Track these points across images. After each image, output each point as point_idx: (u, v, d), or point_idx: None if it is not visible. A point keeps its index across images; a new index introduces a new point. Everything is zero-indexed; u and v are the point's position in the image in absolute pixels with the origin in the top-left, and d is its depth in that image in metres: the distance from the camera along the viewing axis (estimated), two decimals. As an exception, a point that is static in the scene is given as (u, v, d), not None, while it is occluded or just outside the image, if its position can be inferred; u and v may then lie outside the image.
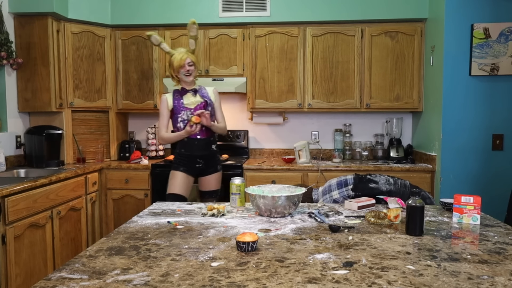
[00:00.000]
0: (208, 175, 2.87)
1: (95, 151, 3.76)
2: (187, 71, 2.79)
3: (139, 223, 1.67)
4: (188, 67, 2.79)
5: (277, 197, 1.71)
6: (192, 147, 2.81)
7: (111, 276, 1.13)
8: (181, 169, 2.82)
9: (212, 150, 2.88)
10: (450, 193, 3.08)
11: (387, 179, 2.11)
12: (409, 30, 3.59)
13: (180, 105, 2.81)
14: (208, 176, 2.87)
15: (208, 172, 2.87)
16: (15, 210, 2.43)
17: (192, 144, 2.81)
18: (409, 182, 2.16)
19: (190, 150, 2.81)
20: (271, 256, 1.28)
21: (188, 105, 2.82)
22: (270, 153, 4.11)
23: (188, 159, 2.82)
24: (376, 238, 1.48)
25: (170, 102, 2.83)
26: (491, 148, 3.13)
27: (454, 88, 3.13)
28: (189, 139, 2.80)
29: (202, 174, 2.88)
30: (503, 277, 1.12)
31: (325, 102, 3.70)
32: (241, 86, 3.71)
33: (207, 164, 2.86)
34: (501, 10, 3.06)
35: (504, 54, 3.06)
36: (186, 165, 2.82)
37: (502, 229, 1.59)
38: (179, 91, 2.86)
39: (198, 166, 2.84)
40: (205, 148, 2.84)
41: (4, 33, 3.19)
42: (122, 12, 3.76)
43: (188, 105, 2.82)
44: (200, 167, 2.84)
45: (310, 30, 3.66)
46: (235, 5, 3.68)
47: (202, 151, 2.83)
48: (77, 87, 3.62)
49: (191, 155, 2.82)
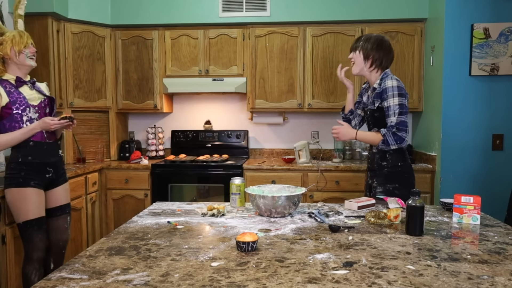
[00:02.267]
0: (58, 186, 2.40)
1: (95, 151, 3.76)
2: (34, 54, 2.32)
3: (139, 223, 1.67)
4: (33, 48, 2.32)
5: (277, 197, 1.71)
6: (40, 153, 2.28)
7: (111, 276, 1.13)
8: (32, 184, 2.23)
9: (60, 155, 2.45)
10: (450, 193, 3.08)
11: None
12: (409, 30, 3.59)
13: (22, 99, 2.25)
14: (58, 187, 2.40)
15: (58, 182, 2.40)
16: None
17: (40, 149, 2.28)
18: None
19: (39, 157, 2.27)
20: (271, 256, 1.28)
21: (31, 101, 2.29)
22: (270, 153, 4.11)
23: (37, 169, 2.27)
24: (376, 238, 1.48)
25: (5, 95, 2.20)
26: (491, 148, 3.13)
27: (454, 88, 3.13)
28: (36, 143, 2.27)
29: (51, 186, 2.37)
30: (503, 277, 1.12)
31: (325, 102, 3.70)
32: (241, 86, 3.71)
33: (56, 173, 2.39)
34: (501, 10, 3.06)
35: (504, 54, 3.06)
36: (36, 177, 2.26)
37: (502, 229, 1.59)
38: (9, 82, 2.25)
39: (48, 176, 2.33)
40: (55, 154, 2.38)
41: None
42: (122, 12, 3.76)
43: (31, 100, 2.29)
44: (50, 177, 2.35)
45: (310, 30, 3.66)
46: (235, 5, 3.68)
47: (52, 157, 2.35)
48: (77, 87, 3.62)
49: (40, 163, 2.28)
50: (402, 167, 2.16)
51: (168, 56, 3.81)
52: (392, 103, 2.04)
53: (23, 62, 2.27)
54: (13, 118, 2.22)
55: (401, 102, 2.04)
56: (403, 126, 2.04)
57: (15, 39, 2.24)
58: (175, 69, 3.81)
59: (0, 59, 2.25)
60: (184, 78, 3.80)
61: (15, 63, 2.26)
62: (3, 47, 2.24)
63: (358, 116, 2.43)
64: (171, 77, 3.81)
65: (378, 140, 2.09)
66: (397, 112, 2.03)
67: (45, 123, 2.22)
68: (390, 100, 2.05)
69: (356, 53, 2.22)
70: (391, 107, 2.05)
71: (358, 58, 2.21)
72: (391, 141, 2.05)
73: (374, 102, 2.15)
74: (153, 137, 3.98)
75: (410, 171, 2.20)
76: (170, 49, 3.80)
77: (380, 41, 2.19)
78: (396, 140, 2.05)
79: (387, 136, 2.06)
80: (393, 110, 2.04)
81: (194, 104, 4.19)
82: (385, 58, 2.18)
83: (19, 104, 2.23)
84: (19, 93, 2.25)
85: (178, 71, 3.81)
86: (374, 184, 2.22)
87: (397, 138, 2.04)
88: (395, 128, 2.04)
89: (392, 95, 2.05)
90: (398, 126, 2.04)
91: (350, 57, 2.26)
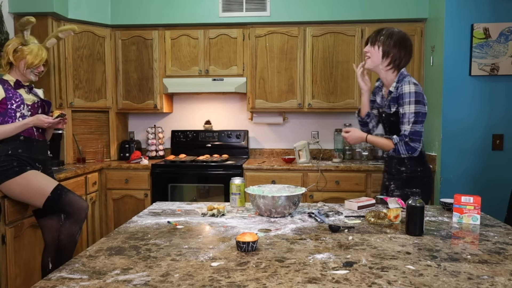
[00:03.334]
0: None
1: (95, 151, 3.76)
2: (40, 72, 2.47)
3: (139, 223, 1.67)
4: (42, 67, 2.47)
5: (277, 197, 1.71)
6: (30, 148, 2.33)
7: (111, 276, 1.13)
8: (29, 168, 2.30)
9: (48, 156, 2.52)
10: (450, 193, 3.08)
11: None
12: (409, 30, 3.59)
13: (18, 97, 2.33)
14: None
15: None
16: (15, 210, 2.43)
17: (30, 144, 2.33)
18: None
19: (29, 152, 2.32)
20: (271, 256, 1.28)
21: (26, 101, 2.39)
22: (270, 153, 4.11)
23: (27, 162, 2.32)
24: (376, 238, 1.48)
25: (1, 90, 2.29)
26: (491, 148, 3.13)
27: (454, 88, 3.13)
28: (26, 138, 2.32)
29: None
30: (503, 277, 1.12)
31: (325, 102, 3.70)
32: (241, 86, 3.71)
33: (45, 172, 2.43)
34: (501, 10, 3.06)
35: (504, 54, 3.06)
36: (28, 166, 2.31)
37: (502, 229, 1.59)
38: (8, 83, 2.37)
39: None
40: (43, 152, 2.44)
41: (4, 33, 3.19)
42: (122, 12, 3.76)
43: (26, 100, 2.39)
44: None
45: (310, 30, 3.66)
46: (235, 5, 3.68)
47: (41, 155, 2.41)
48: (77, 87, 3.62)
49: (29, 157, 2.32)
50: (421, 171, 2.09)
51: (168, 56, 3.81)
52: (408, 110, 1.94)
53: (26, 75, 2.40)
54: (7, 113, 2.30)
55: (418, 110, 1.94)
56: (417, 136, 1.95)
57: (31, 54, 2.36)
58: (175, 69, 3.81)
59: (8, 62, 2.38)
60: (184, 78, 3.80)
61: (19, 71, 2.39)
62: (17, 56, 2.36)
63: (374, 118, 2.28)
64: (171, 77, 3.82)
65: (390, 147, 2.01)
66: (412, 121, 1.94)
67: (39, 120, 2.31)
68: (406, 107, 1.95)
69: (374, 47, 2.05)
70: (406, 114, 1.95)
71: (376, 54, 2.05)
72: (402, 151, 1.98)
73: (390, 106, 2.04)
74: (153, 137, 3.97)
75: (429, 175, 2.13)
76: (170, 49, 3.80)
77: (403, 39, 2.03)
78: (408, 150, 1.97)
79: (399, 146, 1.98)
80: (408, 118, 1.95)
81: (194, 104, 4.19)
82: (405, 59, 2.04)
83: (14, 101, 2.32)
84: (16, 92, 2.35)
85: (178, 71, 3.81)
86: (391, 187, 2.15)
87: (409, 148, 1.96)
88: (408, 138, 1.96)
89: (408, 102, 1.94)
90: (411, 136, 1.95)
91: (366, 50, 2.09)
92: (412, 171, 2.08)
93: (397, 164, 2.11)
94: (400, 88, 1.99)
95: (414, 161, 2.06)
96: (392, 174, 2.16)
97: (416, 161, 2.07)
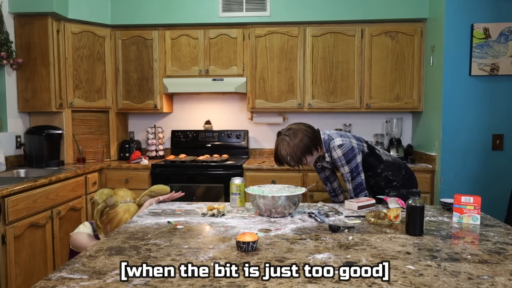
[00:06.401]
0: None
1: (95, 151, 3.76)
2: None
3: (139, 223, 1.67)
4: None
5: (277, 197, 1.71)
6: None
7: (111, 276, 1.13)
8: None
9: None
10: (450, 193, 3.07)
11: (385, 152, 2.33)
12: (409, 30, 3.59)
13: None
14: None
15: None
16: (15, 210, 2.43)
17: None
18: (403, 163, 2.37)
19: None
20: (271, 256, 1.28)
21: None
22: (270, 153, 4.11)
23: None
24: (376, 238, 1.48)
25: None
26: (491, 148, 3.13)
27: (454, 88, 3.13)
28: None
29: None
30: (503, 277, 1.12)
31: (325, 102, 3.70)
32: (241, 86, 3.71)
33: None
34: (501, 10, 3.06)
35: (504, 54, 3.06)
36: None
37: (502, 229, 1.59)
38: None
39: None
40: None
41: (4, 33, 3.19)
42: (122, 12, 3.76)
43: None
44: None
45: (310, 30, 3.66)
46: (235, 5, 3.68)
47: None
48: (77, 87, 3.62)
49: None
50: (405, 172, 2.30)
51: (168, 56, 3.81)
52: (344, 171, 2.13)
53: None
54: None
55: (351, 168, 2.11)
56: (360, 186, 2.14)
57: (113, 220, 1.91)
58: (175, 69, 3.81)
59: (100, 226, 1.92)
60: (184, 78, 3.80)
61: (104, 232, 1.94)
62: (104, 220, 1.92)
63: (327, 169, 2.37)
64: (171, 77, 3.81)
65: None
66: (349, 179, 2.14)
67: None
68: (342, 169, 2.14)
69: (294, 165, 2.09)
70: (344, 174, 2.15)
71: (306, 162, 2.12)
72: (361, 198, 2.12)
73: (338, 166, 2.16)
74: (153, 137, 3.97)
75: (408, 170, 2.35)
76: (170, 49, 3.80)
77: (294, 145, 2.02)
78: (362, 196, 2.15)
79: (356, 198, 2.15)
80: (347, 178, 2.14)
81: (194, 104, 4.19)
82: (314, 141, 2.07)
83: None
84: None
85: (178, 71, 3.81)
86: (386, 190, 2.25)
87: (362, 195, 2.14)
88: (353, 194, 2.16)
89: (341, 165, 2.12)
90: (356, 191, 2.15)
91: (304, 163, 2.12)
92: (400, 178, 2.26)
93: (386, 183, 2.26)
94: (331, 156, 2.14)
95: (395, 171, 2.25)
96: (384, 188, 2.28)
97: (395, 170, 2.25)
